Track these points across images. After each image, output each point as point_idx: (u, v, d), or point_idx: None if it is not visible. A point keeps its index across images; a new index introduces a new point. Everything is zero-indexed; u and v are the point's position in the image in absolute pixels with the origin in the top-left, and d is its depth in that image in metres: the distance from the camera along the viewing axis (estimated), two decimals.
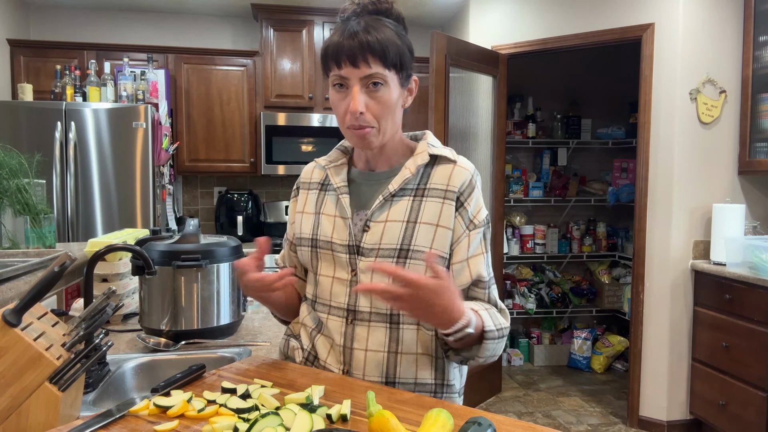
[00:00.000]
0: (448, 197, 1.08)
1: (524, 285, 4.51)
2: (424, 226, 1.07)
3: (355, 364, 1.08)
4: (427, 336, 1.09)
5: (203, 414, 0.85)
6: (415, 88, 1.13)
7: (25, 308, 0.86)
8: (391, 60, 1.03)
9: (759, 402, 2.67)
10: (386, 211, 1.09)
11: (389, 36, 1.04)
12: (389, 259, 1.07)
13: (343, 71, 1.03)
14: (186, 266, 1.46)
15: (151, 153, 3.38)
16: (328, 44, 1.05)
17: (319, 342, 1.14)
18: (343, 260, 1.10)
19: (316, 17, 4.14)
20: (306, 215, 1.18)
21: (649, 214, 3.28)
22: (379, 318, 1.08)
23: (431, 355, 1.10)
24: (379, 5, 1.08)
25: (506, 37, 3.75)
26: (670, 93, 3.19)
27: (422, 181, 1.10)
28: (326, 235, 1.13)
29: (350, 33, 1.02)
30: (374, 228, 1.09)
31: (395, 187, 1.09)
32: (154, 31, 4.31)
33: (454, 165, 1.11)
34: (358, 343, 1.09)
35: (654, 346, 3.28)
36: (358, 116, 1.03)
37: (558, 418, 3.47)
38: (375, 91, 1.04)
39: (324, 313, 1.13)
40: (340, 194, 1.13)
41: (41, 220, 1.95)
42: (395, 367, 1.08)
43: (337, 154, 1.21)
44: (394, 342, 1.08)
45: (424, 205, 1.08)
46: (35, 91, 3.56)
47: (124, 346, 1.49)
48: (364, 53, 1.01)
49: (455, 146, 3.36)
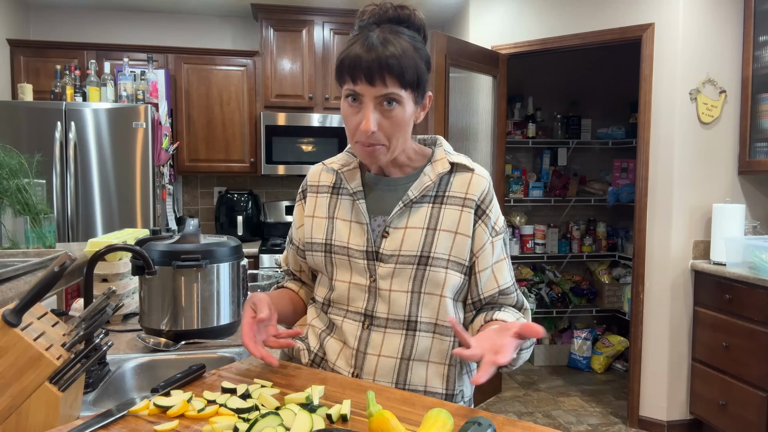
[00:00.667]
0: (467, 205, 1.09)
1: (524, 285, 4.51)
2: (444, 233, 1.07)
3: (366, 369, 1.08)
4: (443, 343, 1.09)
5: (203, 414, 0.85)
6: (429, 104, 1.11)
7: (25, 308, 0.86)
8: (408, 80, 1.01)
9: (759, 402, 2.67)
10: (406, 217, 1.09)
11: (408, 53, 1.01)
12: (409, 266, 1.07)
13: (358, 87, 1.00)
14: (186, 266, 1.46)
15: (151, 153, 3.38)
16: (345, 56, 1.02)
17: (329, 344, 1.13)
18: (361, 266, 1.10)
19: (316, 17, 4.14)
20: (317, 219, 1.16)
21: (649, 214, 3.28)
22: (395, 324, 1.08)
23: (444, 363, 1.10)
24: (400, 12, 1.05)
25: (506, 37, 3.75)
26: (670, 93, 3.19)
27: (441, 189, 1.10)
28: (342, 240, 1.12)
29: (368, 46, 0.99)
30: (394, 234, 1.08)
31: (416, 194, 1.09)
32: (154, 31, 4.31)
33: (473, 173, 1.11)
34: (372, 348, 1.08)
35: (654, 346, 3.28)
36: (369, 135, 1.02)
37: (558, 418, 3.47)
38: (389, 110, 1.02)
39: (339, 316, 1.13)
40: (357, 199, 1.11)
41: (41, 220, 1.95)
42: (406, 374, 1.08)
43: (348, 157, 1.18)
44: (409, 349, 1.08)
45: (443, 213, 1.08)
46: (35, 91, 3.56)
47: (124, 346, 1.49)
48: (381, 72, 0.98)
49: (455, 146, 3.35)
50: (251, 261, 3.75)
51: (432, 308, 1.08)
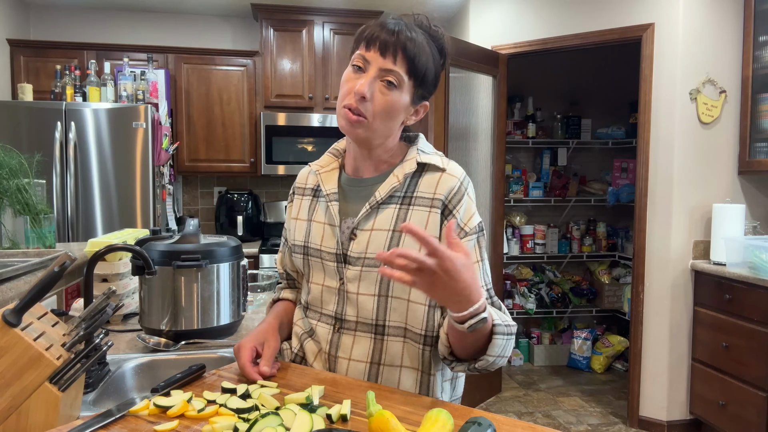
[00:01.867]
0: (435, 205, 1.05)
1: (524, 285, 4.51)
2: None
3: (338, 372, 1.09)
4: (414, 349, 1.07)
5: (203, 414, 0.85)
6: (422, 113, 1.12)
7: (25, 308, 0.86)
8: (417, 69, 1.03)
9: (759, 402, 2.67)
10: (372, 219, 1.08)
11: (425, 50, 1.04)
12: (375, 268, 1.05)
13: (369, 54, 1.02)
14: (186, 266, 1.46)
15: (151, 153, 3.38)
16: (367, 27, 1.05)
17: (307, 346, 1.15)
18: (332, 268, 1.10)
19: (316, 17, 4.14)
20: (299, 222, 1.19)
21: (649, 214, 3.28)
22: (364, 328, 1.08)
23: (417, 368, 1.07)
24: (432, 28, 1.08)
25: (506, 37, 3.75)
26: (670, 93, 3.19)
27: (409, 189, 1.08)
28: (316, 243, 1.13)
29: (392, 29, 1.02)
30: (360, 236, 1.08)
31: (382, 195, 1.08)
32: (154, 31, 4.31)
33: (442, 173, 1.08)
34: (342, 351, 1.09)
35: (654, 346, 3.28)
36: (360, 99, 1.02)
37: (558, 418, 3.47)
38: (386, 88, 1.03)
39: (314, 319, 1.14)
40: (330, 201, 1.12)
41: (41, 220, 1.95)
42: (377, 379, 1.07)
43: (329, 158, 1.19)
44: (378, 353, 1.07)
45: (410, 214, 1.06)
46: (35, 91, 3.56)
47: (124, 346, 1.49)
48: (396, 48, 1.01)
49: (455, 146, 3.36)
50: (251, 261, 3.75)
51: (400, 312, 1.06)
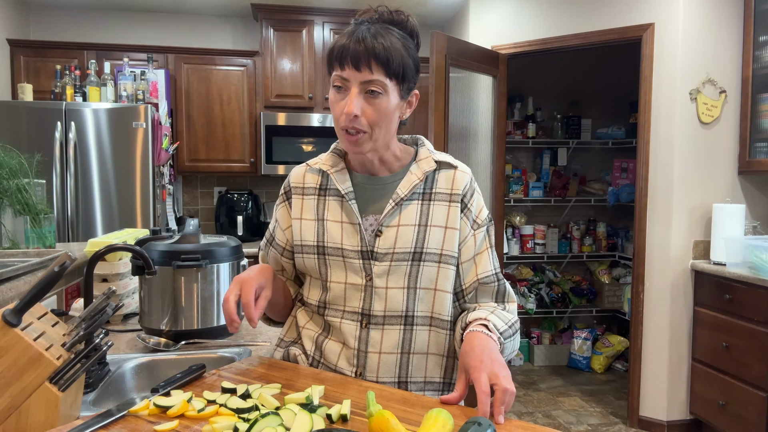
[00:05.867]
0: (454, 200, 1.14)
1: (524, 285, 4.51)
2: (435, 228, 1.11)
3: (369, 367, 1.10)
4: (440, 336, 1.14)
5: (203, 414, 0.85)
6: (415, 102, 1.14)
7: (25, 308, 0.86)
8: (394, 69, 1.04)
9: (759, 402, 2.67)
10: (397, 215, 1.12)
11: (396, 46, 1.05)
12: (404, 262, 1.10)
13: (345, 72, 1.04)
14: (186, 266, 1.46)
15: (151, 153, 3.38)
16: (335, 45, 1.06)
17: (328, 346, 1.14)
18: (356, 266, 1.11)
19: (316, 17, 4.14)
20: (306, 222, 1.17)
21: (649, 214, 3.28)
22: (393, 321, 1.11)
23: (442, 354, 1.15)
24: (396, 16, 1.10)
25: (506, 37, 3.75)
26: (670, 93, 3.19)
27: (428, 186, 1.15)
28: (335, 242, 1.13)
29: (358, 38, 1.04)
30: (387, 233, 1.11)
31: (405, 192, 1.12)
32: (154, 31, 4.31)
33: (455, 170, 1.16)
34: (372, 346, 1.10)
35: (654, 346, 3.28)
36: (353, 119, 1.04)
37: (558, 418, 3.47)
38: (372, 98, 1.05)
39: (336, 318, 1.13)
40: (349, 200, 1.13)
41: (41, 220, 1.95)
42: (408, 368, 1.11)
43: (335, 158, 1.19)
44: (408, 343, 1.11)
45: (432, 209, 1.13)
46: (35, 91, 3.56)
47: (124, 346, 1.49)
48: (368, 58, 1.02)
49: (455, 146, 3.36)
50: (251, 261, 3.73)
51: (427, 302, 1.12)
